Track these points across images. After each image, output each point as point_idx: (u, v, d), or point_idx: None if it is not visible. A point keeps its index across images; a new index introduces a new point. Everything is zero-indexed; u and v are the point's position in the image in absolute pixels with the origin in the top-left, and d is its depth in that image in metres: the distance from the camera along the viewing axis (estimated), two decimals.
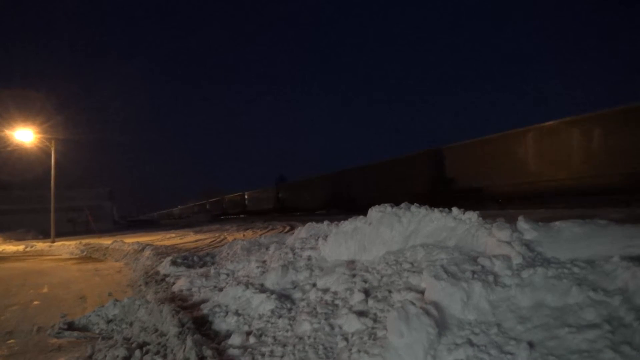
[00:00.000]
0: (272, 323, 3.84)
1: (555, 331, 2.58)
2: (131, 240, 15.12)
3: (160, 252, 10.27)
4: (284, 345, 3.31)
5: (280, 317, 3.92)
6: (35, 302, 6.01)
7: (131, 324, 4.24)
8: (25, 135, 20.58)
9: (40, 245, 17.59)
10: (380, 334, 3.04)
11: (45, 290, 7.04)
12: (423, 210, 4.84)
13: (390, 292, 3.69)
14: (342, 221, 5.79)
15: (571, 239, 3.55)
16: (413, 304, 2.93)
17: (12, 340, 4.22)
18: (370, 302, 3.62)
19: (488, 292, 3.09)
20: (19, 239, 22.94)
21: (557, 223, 3.85)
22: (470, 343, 2.67)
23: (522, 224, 3.90)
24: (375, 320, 3.33)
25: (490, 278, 3.21)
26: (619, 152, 11.69)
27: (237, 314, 4.21)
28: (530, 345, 2.51)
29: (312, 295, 4.24)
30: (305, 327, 3.53)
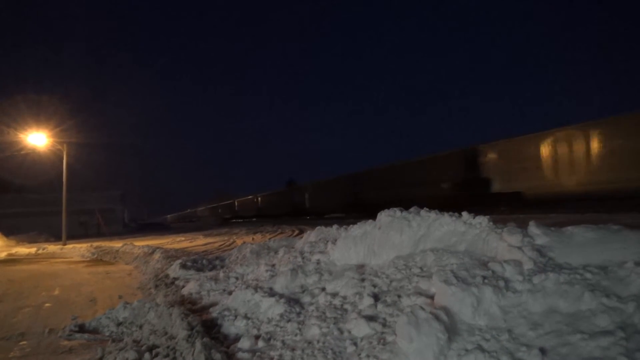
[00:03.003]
0: (281, 327, 3.84)
1: (567, 337, 2.54)
2: (141, 243, 15.23)
3: (170, 256, 10.32)
4: (293, 350, 3.31)
5: (289, 321, 3.91)
6: (47, 304, 6.08)
7: (141, 327, 4.27)
8: (38, 139, 20.85)
9: (51, 247, 17.79)
10: (389, 338, 3.03)
11: (56, 292, 7.12)
12: (433, 214, 4.80)
13: (399, 296, 3.67)
14: (350, 225, 5.77)
15: (583, 244, 3.50)
16: (423, 309, 2.91)
17: (24, 342, 4.27)
18: (380, 306, 3.60)
19: (499, 297, 3.06)
20: (32, 241, 23.21)
21: (569, 228, 3.80)
22: (481, 349, 2.65)
23: (533, 228, 3.85)
24: (384, 325, 3.31)
25: (501, 283, 3.18)
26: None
27: (246, 317, 4.22)
28: (542, 351, 2.48)
29: (321, 299, 4.23)
30: (314, 331, 3.52)
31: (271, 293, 4.62)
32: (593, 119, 13.48)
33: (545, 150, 14.69)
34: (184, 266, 7.89)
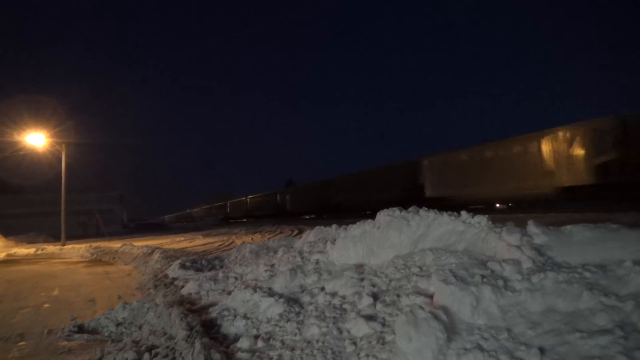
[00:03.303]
0: (280, 327, 3.84)
1: (566, 336, 2.55)
2: (140, 243, 15.21)
3: (169, 256, 10.32)
4: (292, 349, 3.31)
5: (288, 321, 3.91)
6: (46, 305, 6.07)
7: (140, 327, 4.27)
8: (37, 140, 20.83)
9: (50, 248, 17.78)
10: (388, 338, 3.03)
11: (55, 293, 7.11)
12: (432, 214, 4.81)
13: (398, 296, 3.67)
14: (350, 225, 5.78)
15: (582, 243, 3.51)
16: (422, 308, 2.91)
17: (22, 343, 4.26)
18: (379, 306, 3.60)
19: (498, 296, 3.06)
20: (30, 242, 23.19)
21: (568, 227, 3.81)
22: (480, 348, 2.65)
23: (532, 228, 3.86)
24: (383, 325, 3.31)
25: (500, 282, 3.18)
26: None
27: (245, 317, 4.21)
28: (541, 350, 2.48)
29: (321, 299, 4.23)
30: (313, 331, 3.52)
31: (270, 293, 4.62)
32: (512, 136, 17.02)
33: (461, 164, 19.15)
34: (183, 266, 7.88)
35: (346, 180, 28.44)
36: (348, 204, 26.84)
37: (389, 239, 4.85)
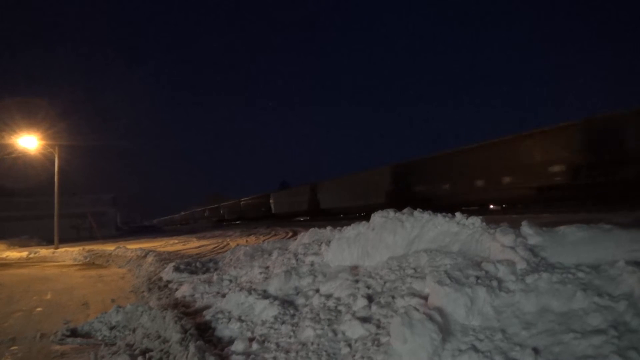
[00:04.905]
0: (275, 329, 3.82)
1: (560, 337, 2.56)
2: (134, 246, 15.12)
3: (163, 258, 10.26)
4: (287, 352, 3.30)
5: (283, 323, 3.90)
6: (39, 309, 6.02)
7: (134, 331, 4.24)
8: (29, 142, 20.65)
9: (43, 251, 17.61)
10: (383, 340, 3.03)
11: (48, 296, 7.05)
12: (426, 215, 4.82)
13: (393, 297, 3.67)
14: (344, 226, 5.78)
15: (576, 243, 3.53)
16: (417, 309, 2.91)
17: (15, 347, 4.21)
18: (374, 308, 3.60)
19: (492, 297, 3.07)
20: (23, 245, 22.95)
21: (562, 228, 3.83)
22: (475, 349, 2.65)
23: (526, 228, 3.88)
24: (378, 326, 3.31)
25: (494, 283, 3.19)
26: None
27: (240, 320, 4.20)
28: (536, 351, 2.49)
29: (315, 301, 4.23)
30: (308, 333, 3.51)
31: (265, 295, 4.61)
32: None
33: (286, 197, 36.38)
34: (177, 269, 7.84)
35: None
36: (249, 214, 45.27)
37: (383, 241, 4.85)
